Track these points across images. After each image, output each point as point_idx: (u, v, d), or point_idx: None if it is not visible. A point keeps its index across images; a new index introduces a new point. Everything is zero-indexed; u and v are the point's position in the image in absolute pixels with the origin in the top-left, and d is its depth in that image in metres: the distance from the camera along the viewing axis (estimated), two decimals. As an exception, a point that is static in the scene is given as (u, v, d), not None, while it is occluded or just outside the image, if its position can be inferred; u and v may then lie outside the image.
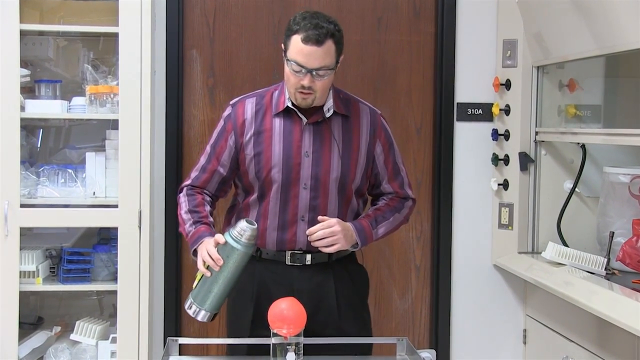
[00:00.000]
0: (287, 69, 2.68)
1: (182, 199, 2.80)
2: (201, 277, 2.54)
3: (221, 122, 2.84)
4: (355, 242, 2.76)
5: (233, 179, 2.87)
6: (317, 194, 2.76)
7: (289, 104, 2.75)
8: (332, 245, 2.69)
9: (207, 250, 2.52)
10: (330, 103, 2.77)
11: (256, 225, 2.51)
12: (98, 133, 3.73)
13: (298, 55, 2.62)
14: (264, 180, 2.75)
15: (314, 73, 2.63)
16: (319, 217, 2.69)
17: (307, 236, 2.69)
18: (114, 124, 3.54)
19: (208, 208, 2.76)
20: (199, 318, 2.53)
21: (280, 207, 2.76)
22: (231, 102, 2.85)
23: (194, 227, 2.68)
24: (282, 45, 2.71)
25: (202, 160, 2.85)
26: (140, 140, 3.46)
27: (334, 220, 2.70)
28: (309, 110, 2.75)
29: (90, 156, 3.60)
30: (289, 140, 2.74)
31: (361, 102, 2.89)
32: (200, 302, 2.52)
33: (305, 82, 2.64)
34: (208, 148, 2.85)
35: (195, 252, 2.62)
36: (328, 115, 2.77)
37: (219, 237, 2.51)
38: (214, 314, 2.56)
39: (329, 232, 2.68)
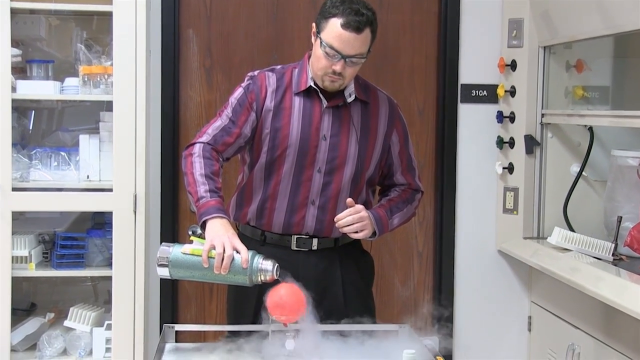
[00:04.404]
0: (318, 50, 2.65)
1: (197, 158, 2.66)
2: (197, 253, 2.46)
3: (240, 91, 2.77)
4: (374, 231, 2.75)
5: (244, 153, 2.84)
6: (330, 179, 2.75)
7: (312, 84, 2.73)
8: (361, 231, 2.68)
9: (225, 247, 2.41)
10: (351, 88, 2.76)
11: (277, 278, 2.45)
12: (92, 115, 3.71)
13: (335, 41, 2.60)
14: (276, 158, 2.73)
15: (347, 60, 2.62)
16: (348, 200, 2.67)
17: (335, 222, 2.66)
18: (108, 106, 3.52)
19: (221, 180, 2.68)
20: (159, 274, 2.48)
21: (291, 189, 2.75)
22: (250, 74, 2.80)
23: (208, 195, 2.57)
24: (314, 24, 2.68)
25: (222, 122, 2.74)
26: (135, 122, 3.45)
27: (361, 206, 2.69)
28: (330, 92, 2.74)
29: (83, 139, 3.59)
30: (308, 122, 2.72)
31: (379, 90, 2.88)
32: (174, 267, 2.45)
33: (338, 67, 2.62)
34: (229, 112, 2.74)
35: (203, 223, 2.54)
36: (349, 100, 2.75)
37: (245, 259, 2.41)
38: None
39: (358, 218, 2.66)
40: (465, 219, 4.08)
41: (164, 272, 2.46)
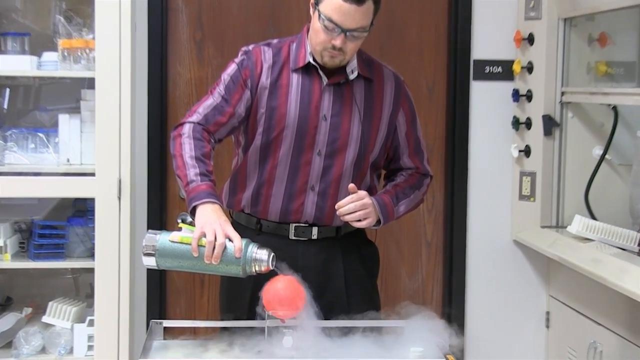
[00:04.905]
0: (316, 24, 2.64)
1: (187, 139, 2.65)
2: (187, 241, 2.46)
3: (233, 67, 2.77)
4: (378, 219, 2.75)
5: (238, 134, 2.84)
6: (331, 162, 2.75)
7: (311, 60, 2.73)
8: (364, 219, 2.68)
9: (217, 234, 2.40)
10: (354, 64, 2.75)
11: (273, 269, 2.46)
12: (72, 93, 3.72)
13: (334, 13, 2.58)
14: (272, 140, 2.73)
15: (348, 34, 2.61)
16: (350, 186, 2.66)
17: (336, 209, 2.66)
18: (89, 83, 3.52)
19: (212, 163, 2.68)
20: (145, 263, 2.48)
21: (289, 174, 2.74)
22: (244, 49, 2.80)
23: (199, 178, 2.56)
24: None
25: (214, 100, 2.74)
26: (120, 100, 3.44)
27: (364, 192, 2.69)
28: (331, 69, 2.73)
29: (63, 119, 3.58)
30: (307, 100, 2.72)
31: (384, 66, 2.88)
32: (161, 257, 2.45)
33: (338, 42, 2.61)
34: (221, 90, 2.74)
35: (193, 208, 2.54)
36: (352, 77, 2.75)
37: (239, 248, 2.41)
38: None
39: (361, 205, 2.66)
40: (477, 206, 4.08)
41: (151, 262, 2.46)
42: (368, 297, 2.88)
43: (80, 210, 3.75)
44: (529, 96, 3.92)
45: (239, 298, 2.79)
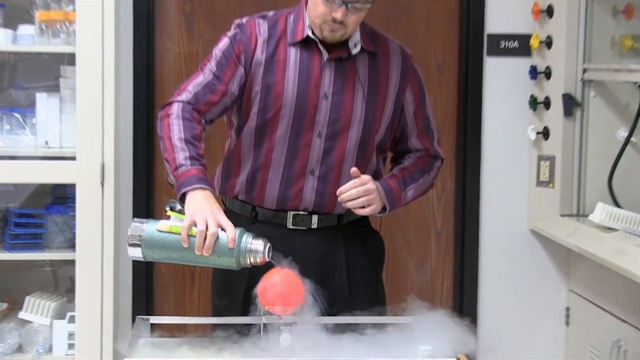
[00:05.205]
0: None
1: (175, 120, 2.65)
2: (176, 231, 2.47)
3: (225, 41, 2.77)
4: (384, 205, 2.76)
5: (231, 114, 2.84)
6: (332, 144, 2.75)
7: (309, 33, 2.73)
8: (368, 206, 2.68)
9: (208, 223, 2.40)
10: (357, 37, 2.75)
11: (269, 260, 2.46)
12: (51, 70, 3.71)
13: None
14: (268, 120, 2.73)
15: (349, 6, 2.60)
16: (352, 169, 2.66)
17: (337, 196, 2.66)
18: (70, 59, 3.52)
19: (203, 145, 2.68)
20: (130, 254, 2.48)
21: (287, 157, 2.75)
22: (237, 22, 2.79)
23: (188, 162, 2.56)
24: None
25: (205, 78, 2.74)
26: (103, 78, 3.44)
27: (368, 177, 2.69)
28: (332, 43, 2.73)
29: (41, 98, 3.59)
30: (306, 77, 2.72)
31: (390, 40, 2.87)
32: (147, 247, 2.44)
33: (338, 15, 2.61)
34: (213, 66, 2.74)
35: (182, 195, 2.53)
36: (354, 51, 2.75)
37: (232, 238, 2.41)
38: None
39: (364, 190, 2.66)
40: (491, 192, 4.09)
41: (136, 253, 2.46)
42: (372, 291, 2.89)
43: (60, 197, 3.75)
44: (547, 73, 3.92)
45: (233, 292, 2.80)
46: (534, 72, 3.97)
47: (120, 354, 3.45)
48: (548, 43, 3.90)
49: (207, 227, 2.40)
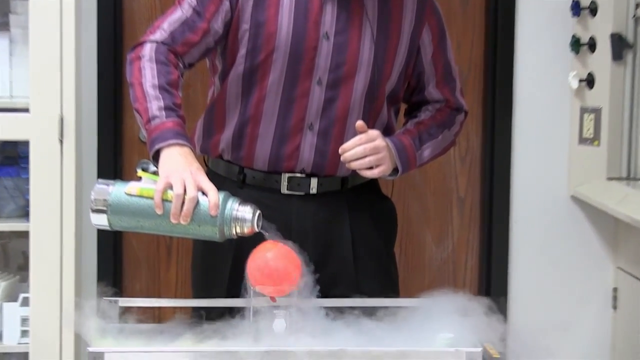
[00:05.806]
0: None
1: (148, 63, 2.64)
2: (148, 194, 2.46)
3: None
4: (395, 166, 2.75)
5: (214, 57, 2.84)
6: (335, 94, 2.74)
7: None
8: (377, 166, 2.68)
9: (187, 186, 2.39)
10: None
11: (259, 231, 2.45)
12: (-1, 5, 3.71)
13: None
14: (258, 64, 2.72)
15: None
16: (358, 123, 2.65)
17: (340, 155, 2.66)
18: (21, -9, 3.52)
19: (181, 94, 2.67)
20: (94, 222, 2.47)
21: (280, 109, 2.74)
22: None
23: (163, 113, 2.56)
24: None
25: (183, 13, 2.73)
26: (61, 14, 3.45)
27: (376, 132, 2.67)
28: None
29: (-14, 38, 3.58)
30: (303, 14, 2.71)
31: None
32: (114, 214, 2.45)
33: None
34: (192, 0, 2.74)
35: (156, 152, 2.54)
36: None
37: (215, 203, 2.40)
38: None
39: (372, 148, 2.65)
40: (525, 152, 4.11)
41: (102, 221, 2.45)
42: (382, 269, 2.90)
43: (10, 157, 3.79)
44: (593, 9, 3.92)
45: (217, 270, 2.82)
46: (576, 8, 3.96)
47: (83, 342, 3.46)
48: (594, -28, 3.90)
49: (184, 191, 2.38)
